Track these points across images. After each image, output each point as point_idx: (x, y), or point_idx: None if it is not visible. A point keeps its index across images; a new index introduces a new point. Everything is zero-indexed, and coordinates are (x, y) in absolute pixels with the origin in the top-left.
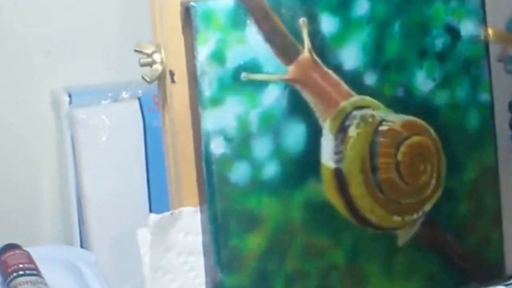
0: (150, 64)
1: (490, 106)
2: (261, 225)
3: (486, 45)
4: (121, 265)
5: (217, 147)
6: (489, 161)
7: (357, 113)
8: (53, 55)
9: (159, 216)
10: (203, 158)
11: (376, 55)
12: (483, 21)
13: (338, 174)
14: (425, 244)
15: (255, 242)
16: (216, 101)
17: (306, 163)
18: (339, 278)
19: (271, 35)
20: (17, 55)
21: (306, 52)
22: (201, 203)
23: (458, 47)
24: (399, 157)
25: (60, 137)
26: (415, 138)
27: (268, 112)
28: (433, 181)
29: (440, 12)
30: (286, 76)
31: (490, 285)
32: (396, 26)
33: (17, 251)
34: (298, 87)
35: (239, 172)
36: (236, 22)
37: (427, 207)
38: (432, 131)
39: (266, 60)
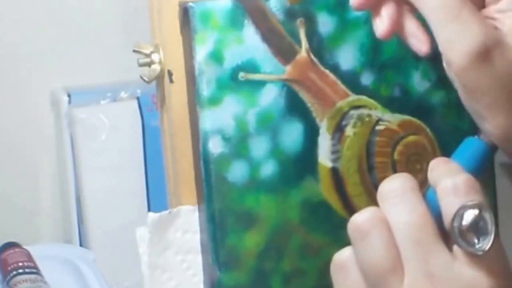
0: (149, 64)
1: None
2: (258, 224)
3: None
4: (120, 263)
5: (215, 147)
6: None
7: (354, 112)
8: (53, 55)
9: (157, 214)
10: (201, 157)
11: (373, 55)
12: None
13: (335, 173)
14: None
15: (252, 240)
16: (214, 101)
17: (303, 162)
18: None
19: (269, 35)
20: (17, 55)
21: (303, 52)
22: (199, 202)
23: None
24: (396, 156)
25: (59, 136)
26: (412, 138)
27: (266, 112)
28: None
29: None
30: (284, 76)
31: None
32: None
33: (16, 250)
34: (295, 87)
35: (237, 171)
36: (234, 22)
37: None
38: (428, 130)
39: (263, 60)
